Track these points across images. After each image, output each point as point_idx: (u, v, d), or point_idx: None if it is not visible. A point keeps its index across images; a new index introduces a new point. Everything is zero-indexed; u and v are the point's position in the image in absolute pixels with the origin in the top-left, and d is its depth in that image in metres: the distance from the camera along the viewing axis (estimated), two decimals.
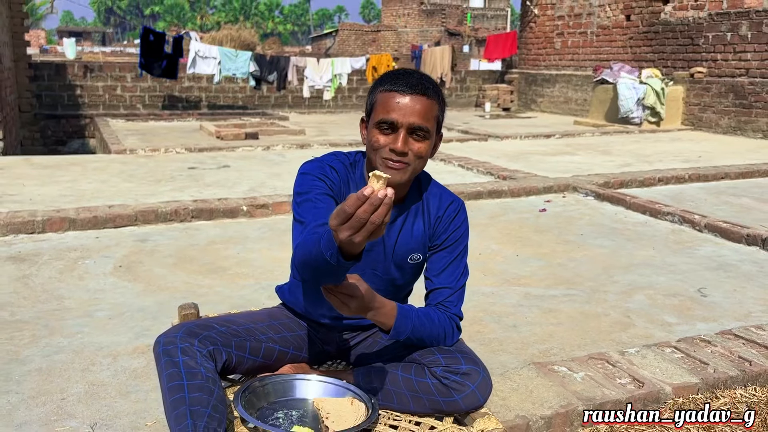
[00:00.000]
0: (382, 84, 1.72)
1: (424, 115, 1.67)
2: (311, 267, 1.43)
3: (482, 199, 5.66)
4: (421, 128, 1.67)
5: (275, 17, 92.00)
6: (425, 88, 1.69)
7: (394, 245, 1.83)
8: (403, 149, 1.66)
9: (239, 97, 14.16)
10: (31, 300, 3.25)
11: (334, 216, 1.28)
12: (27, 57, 11.80)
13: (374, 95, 1.73)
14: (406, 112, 1.66)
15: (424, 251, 1.87)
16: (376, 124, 1.69)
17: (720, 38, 10.74)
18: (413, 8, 38.26)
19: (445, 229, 1.86)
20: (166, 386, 1.63)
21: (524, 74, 15.56)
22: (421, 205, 1.85)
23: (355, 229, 1.26)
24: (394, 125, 1.67)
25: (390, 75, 1.73)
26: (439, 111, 1.73)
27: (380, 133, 1.69)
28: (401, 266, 1.86)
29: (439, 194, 1.88)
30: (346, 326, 1.96)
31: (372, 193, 1.24)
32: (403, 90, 1.67)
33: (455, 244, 1.87)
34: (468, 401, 1.72)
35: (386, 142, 1.68)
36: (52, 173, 6.38)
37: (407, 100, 1.66)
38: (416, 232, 1.84)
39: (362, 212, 1.25)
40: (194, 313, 2.11)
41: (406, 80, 1.68)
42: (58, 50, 36.33)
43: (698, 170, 6.82)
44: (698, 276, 3.80)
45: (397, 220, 1.83)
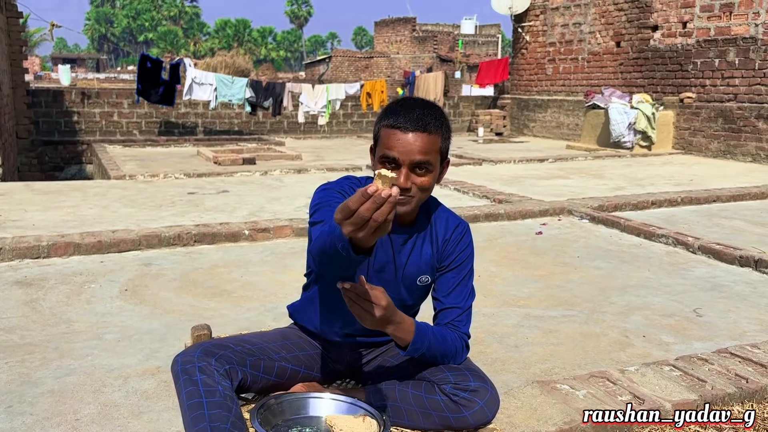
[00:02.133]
0: (386, 117, 1.75)
1: (425, 151, 1.70)
2: (327, 255, 1.45)
3: (479, 222, 5.75)
4: (422, 163, 1.71)
5: (268, 43, 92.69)
6: (426, 123, 1.71)
7: (404, 267, 1.90)
8: (405, 185, 1.71)
9: (235, 122, 14.28)
10: (40, 323, 3.29)
11: (339, 210, 1.31)
12: (25, 84, 11.90)
13: (378, 127, 1.78)
14: (407, 149, 1.69)
15: (432, 273, 1.93)
16: (379, 159, 1.75)
17: (708, 64, 10.97)
18: (405, 35, 38.74)
19: (452, 251, 1.92)
20: (186, 404, 1.68)
21: (516, 99, 15.78)
22: (429, 229, 1.92)
23: (357, 225, 1.28)
24: (397, 162, 1.71)
25: (393, 109, 1.76)
26: (442, 142, 1.76)
27: (383, 168, 1.75)
28: (410, 288, 1.93)
29: (446, 218, 1.95)
30: (357, 344, 2.02)
31: (376, 192, 1.26)
32: (405, 127, 1.70)
33: (462, 265, 1.93)
34: (477, 417, 1.77)
35: None
36: (54, 199, 6.43)
37: (409, 138, 1.69)
38: (425, 255, 1.90)
39: (364, 210, 1.27)
40: (207, 333, 2.16)
41: (407, 115, 1.71)
42: (53, 77, 36.51)
43: (690, 193, 6.94)
44: (693, 296, 3.88)
45: (408, 242, 1.89)
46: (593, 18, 13.40)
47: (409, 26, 38.85)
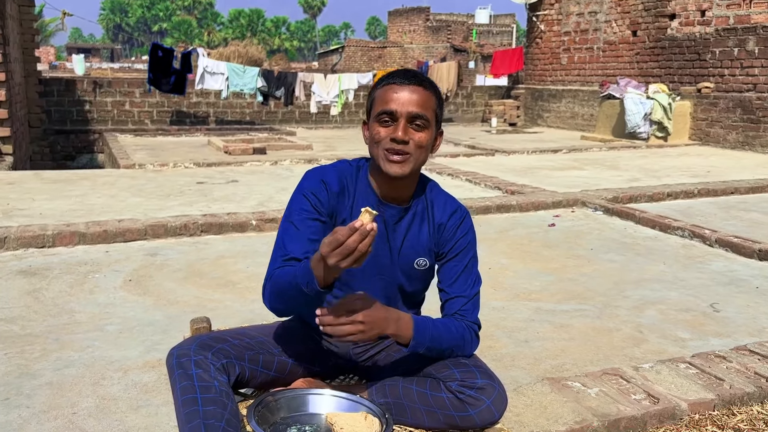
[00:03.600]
0: (380, 83, 1.78)
1: (422, 104, 1.71)
2: (285, 297, 1.62)
3: (491, 213, 5.66)
4: (420, 116, 1.71)
5: (282, 34, 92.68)
6: (421, 80, 1.75)
7: (399, 248, 1.83)
8: (404, 137, 1.70)
9: (247, 112, 14.23)
10: (42, 314, 3.25)
11: (327, 244, 1.42)
12: (37, 73, 11.89)
13: (373, 94, 1.78)
14: (405, 101, 1.71)
15: (430, 257, 1.87)
16: (376, 118, 1.74)
17: (727, 53, 10.75)
18: (419, 24, 38.49)
19: (451, 237, 1.85)
20: (180, 399, 1.62)
21: (531, 90, 15.60)
22: (427, 208, 1.86)
23: (344, 255, 1.41)
24: (394, 115, 1.71)
25: (387, 74, 1.79)
26: (437, 105, 1.77)
27: (381, 126, 1.73)
28: (409, 273, 1.86)
29: (444, 200, 1.88)
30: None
31: (362, 226, 1.40)
32: (401, 82, 1.73)
33: (463, 252, 1.86)
34: (483, 416, 1.70)
35: (387, 133, 1.72)
36: (62, 188, 6.41)
37: (405, 91, 1.71)
38: (422, 237, 1.84)
39: (352, 241, 1.40)
40: (206, 327, 2.09)
41: (402, 74, 1.75)
42: (67, 66, 36.64)
43: (707, 185, 6.79)
44: (710, 291, 3.77)
45: (403, 221, 1.83)
46: (609, 6, 13.19)
47: (423, 16, 38.59)
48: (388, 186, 1.79)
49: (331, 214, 1.79)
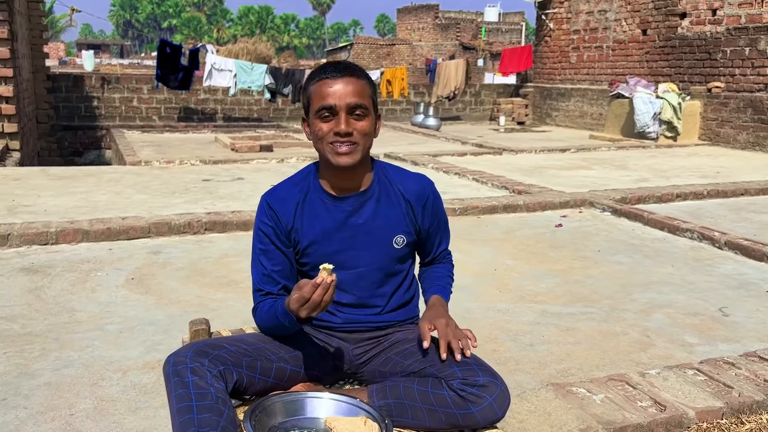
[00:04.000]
0: (313, 77, 1.80)
1: (358, 94, 1.75)
2: (273, 330, 1.82)
3: (497, 213, 5.61)
4: (359, 106, 1.75)
5: (291, 31, 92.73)
6: (353, 70, 1.78)
7: (372, 230, 1.87)
8: (347, 129, 1.74)
9: (254, 109, 14.22)
10: (43, 312, 3.23)
11: (295, 301, 1.62)
12: (45, 69, 11.91)
13: (307, 90, 1.81)
14: (341, 94, 1.74)
15: (408, 235, 1.91)
16: (316, 114, 1.77)
17: (738, 53, 10.64)
18: (428, 22, 38.40)
19: (430, 212, 1.94)
20: (176, 407, 1.60)
21: (539, 88, 15.51)
22: (391, 190, 1.90)
23: (312, 308, 1.61)
24: (333, 109, 1.74)
25: (318, 68, 1.82)
26: (371, 91, 1.81)
27: (322, 121, 1.76)
28: (387, 250, 1.89)
29: (407, 178, 1.94)
30: (358, 329, 1.93)
31: (322, 281, 1.59)
32: (333, 75, 1.75)
33: (441, 221, 2.00)
34: (485, 414, 1.67)
35: (329, 127, 1.75)
36: (67, 184, 6.40)
37: (339, 84, 1.74)
38: (394, 216, 1.89)
39: (317, 296, 1.60)
40: (205, 329, 2.07)
41: (333, 67, 1.78)
42: (77, 62, 36.77)
43: (717, 186, 6.72)
44: (719, 295, 3.71)
45: (367, 206, 1.87)
46: (619, 5, 13.08)
47: (432, 13, 38.50)
48: (341, 178, 1.84)
49: (287, 229, 1.86)
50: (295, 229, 1.86)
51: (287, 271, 1.89)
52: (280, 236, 1.86)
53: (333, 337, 1.95)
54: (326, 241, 1.86)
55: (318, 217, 1.86)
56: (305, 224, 1.86)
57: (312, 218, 1.86)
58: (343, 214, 1.86)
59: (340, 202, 1.86)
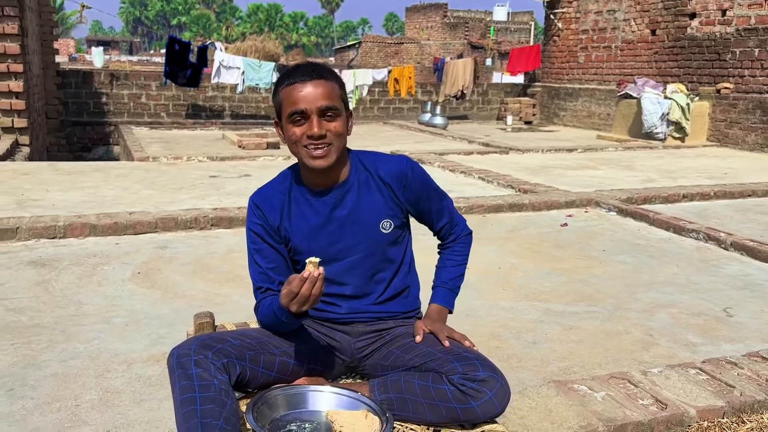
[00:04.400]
0: (282, 82, 1.81)
1: (328, 96, 1.76)
2: (274, 326, 1.84)
3: (503, 212, 5.61)
4: (329, 108, 1.76)
5: (299, 29, 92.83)
6: (321, 72, 1.79)
7: (357, 219, 1.89)
8: (320, 132, 1.75)
9: (262, 107, 14.25)
10: (50, 305, 3.26)
11: (285, 296, 1.64)
12: (55, 65, 11.98)
13: (278, 95, 1.82)
14: (312, 98, 1.75)
15: (393, 217, 1.92)
16: (288, 118, 1.78)
17: (747, 54, 10.60)
18: (436, 21, 38.36)
19: (413, 189, 1.93)
20: (179, 398, 1.62)
21: (547, 88, 15.48)
22: (370, 177, 1.91)
23: (301, 303, 1.63)
24: (305, 113, 1.76)
25: (286, 72, 1.83)
26: (341, 91, 1.82)
27: (294, 126, 1.78)
28: (375, 236, 1.91)
29: (384, 162, 1.93)
30: (359, 320, 1.96)
31: (309, 275, 1.61)
32: (302, 79, 1.76)
33: (428, 193, 1.97)
34: (485, 409, 1.68)
35: (302, 131, 1.77)
36: (76, 179, 6.44)
37: (309, 87, 1.76)
38: (377, 202, 1.90)
39: (305, 290, 1.61)
40: (209, 322, 2.08)
41: (302, 71, 1.79)
42: (87, 59, 36.95)
43: (724, 187, 6.70)
44: (723, 295, 3.71)
45: (348, 196, 1.89)
46: (628, 5, 13.05)
47: (441, 12, 38.46)
48: (319, 176, 1.86)
49: (276, 226, 1.89)
50: (283, 227, 1.90)
51: (283, 268, 1.92)
52: (271, 234, 1.89)
53: (335, 331, 1.97)
54: (315, 236, 1.89)
55: (304, 214, 1.89)
56: (293, 223, 1.90)
57: (298, 216, 1.89)
58: (326, 208, 1.89)
59: (322, 197, 1.89)
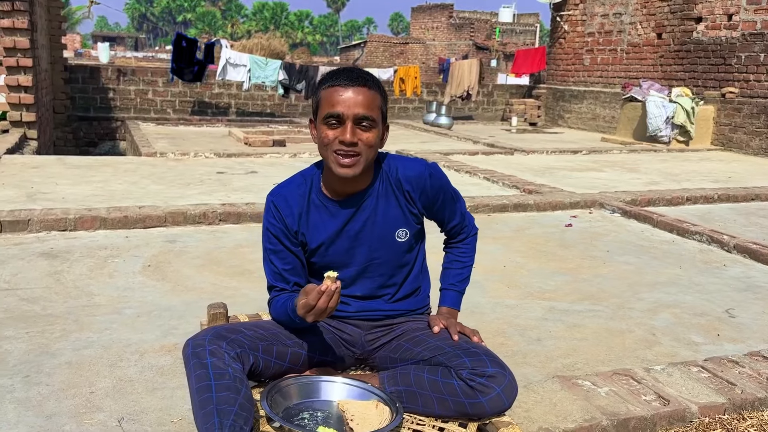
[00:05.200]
0: (325, 82, 1.81)
1: (368, 106, 1.76)
2: (286, 324, 1.89)
3: (507, 212, 5.66)
4: (366, 118, 1.76)
5: (305, 27, 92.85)
6: (365, 80, 1.78)
7: (374, 227, 1.92)
8: (352, 140, 1.75)
9: (267, 104, 14.31)
10: (63, 295, 3.31)
11: (301, 307, 1.68)
12: (63, 59, 12.05)
13: (318, 94, 1.82)
14: (350, 104, 1.74)
15: (410, 226, 1.95)
16: (323, 120, 1.78)
17: (753, 59, 10.62)
18: (442, 21, 38.39)
19: (433, 195, 1.95)
20: (195, 387, 1.65)
21: (552, 90, 15.52)
22: (390, 186, 1.92)
23: (318, 315, 1.67)
24: (341, 118, 1.75)
25: (331, 73, 1.83)
26: (382, 102, 1.82)
27: (328, 128, 1.78)
28: (390, 245, 1.94)
29: (404, 165, 1.93)
30: (370, 318, 2.00)
31: (326, 288, 1.64)
32: (345, 84, 1.76)
33: (445, 196, 2.00)
34: (493, 404, 1.72)
35: (335, 135, 1.77)
36: (84, 173, 6.50)
37: (350, 93, 1.75)
38: (393, 211, 1.92)
39: (322, 303, 1.65)
40: (223, 312, 2.13)
41: (346, 75, 1.78)
42: (92, 54, 37.01)
43: (728, 191, 6.74)
44: (726, 296, 3.75)
45: (367, 204, 1.90)
46: (634, 8, 13.08)
47: (447, 13, 38.50)
48: (341, 184, 1.86)
49: (294, 230, 1.91)
50: (301, 233, 1.92)
51: (298, 269, 1.95)
52: (289, 236, 1.91)
53: (347, 325, 2.01)
54: (332, 242, 1.92)
55: (322, 219, 1.91)
56: (310, 228, 1.91)
57: (316, 222, 1.91)
58: (344, 216, 1.90)
59: (341, 204, 1.90)
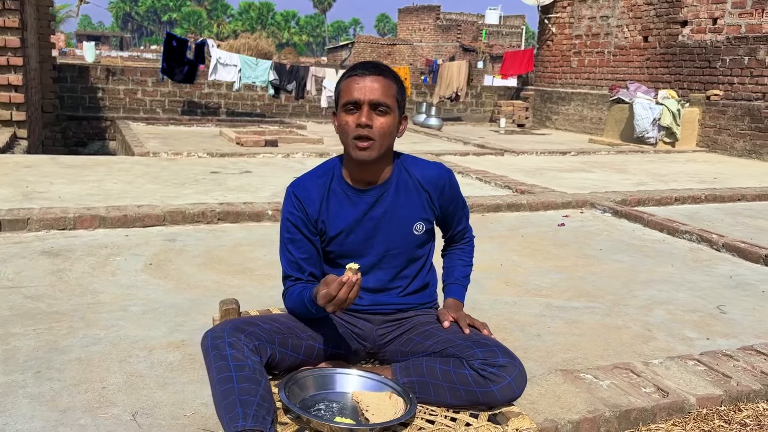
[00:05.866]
0: (344, 75, 1.95)
1: (383, 92, 1.88)
2: (301, 314, 1.96)
3: (501, 211, 5.74)
4: (381, 104, 1.87)
5: (291, 28, 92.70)
6: (381, 70, 1.91)
7: (393, 219, 2.00)
8: (368, 121, 1.86)
9: (257, 104, 14.31)
10: (67, 293, 3.34)
11: (322, 297, 1.74)
12: (52, 59, 11.98)
13: (339, 87, 1.95)
14: (366, 90, 1.87)
15: (427, 222, 2.04)
16: (342, 107, 1.91)
17: (737, 62, 10.81)
18: (429, 23, 38.55)
19: (449, 199, 2.08)
20: (216, 378, 1.70)
21: (540, 91, 15.66)
22: (410, 181, 2.02)
23: (337, 305, 1.73)
24: (358, 103, 1.88)
25: (350, 67, 1.97)
26: (398, 92, 1.93)
27: (347, 115, 1.90)
28: (407, 237, 2.02)
29: (424, 167, 2.05)
30: (381, 311, 2.05)
31: (348, 280, 1.71)
32: (362, 73, 1.89)
33: (456, 202, 2.13)
34: (504, 393, 1.78)
35: (353, 120, 1.89)
36: (78, 173, 6.50)
37: (366, 81, 1.88)
38: (414, 204, 2.02)
39: (343, 294, 1.71)
40: (235, 308, 2.17)
41: (363, 66, 1.92)
42: (77, 53, 36.73)
43: (714, 191, 6.87)
44: (717, 293, 3.85)
45: (386, 197, 1.99)
46: (621, 11, 13.24)
47: (434, 14, 38.66)
48: (361, 171, 1.97)
49: (315, 219, 1.99)
50: (321, 220, 1.99)
51: (314, 259, 2.01)
52: (308, 225, 1.98)
53: (358, 319, 2.07)
54: (351, 231, 1.99)
55: (342, 208, 1.98)
56: (330, 216, 1.98)
57: (336, 210, 1.98)
58: (365, 205, 1.98)
59: (361, 193, 1.98)
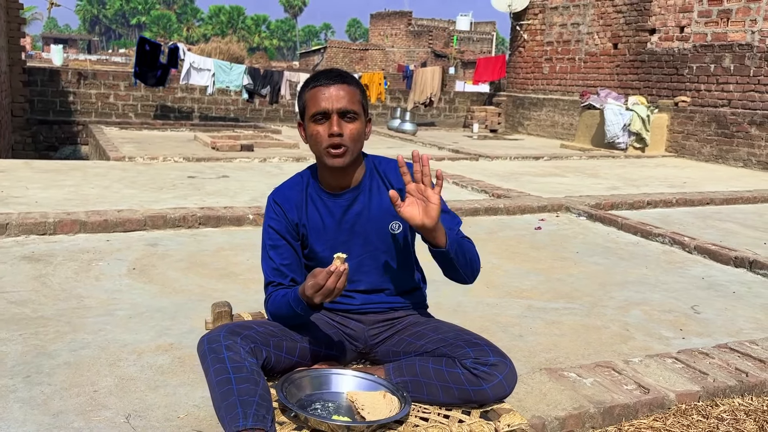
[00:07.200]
0: (308, 85, 1.97)
1: (349, 100, 1.92)
2: (285, 318, 1.95)
3: (479, 215, 5.82)
4: (349, 111, 1.92)
5: (262, 32, 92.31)
6: (344, 77, 1.95)
7: (369, 220, 2.03)
8: (339, 130, 1.90)
9: (231, 109, 14.26)
10: (51, 298, 3.32)
11: (310, 287, 1.75)
12: (22, 62, 11.81)
13: (303, 97, 1.98)
14: (333, 99, 1.90)
15: (401, 220, 2.02)
16: (311, 118, 1.94)
17: (704, 69, 11.10)
18: (401, 29, 38.72)
19: None
20: (215, 380, 1.73)
21: (512, 97, 15.86)
22: (381, 182, 2.06)
23: (326, 295, 1.75)
24: (326, 113, 1.91)
25: (312, 76, 1.99)
26: (361, 97, 1.97)
27: (316, 125, 1.93)
28: (384, 238, 2.05)
29: (393, 166, 2.06)
30: (372, 311, 2.10)
31: (335, 269, 1.72)
32: (326, 83, 1.92)
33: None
34: (496, 390, 1.83)
35: (324, 130, 1.92)
36: (54, 177, 6.43)
37: (332, 90, 1.91)
38: (385, 204, 2.03)
39: (330, 283, 1.73)
40: (227, 311, 2.20)
41: (326, 75, 1.95)
42: (43, 56, 36.14)
43: (684, 195, 7.05)
44: (690, 294, 3.98)
45: (360, 198, 2.03)
46: (592, 19, 13.50)
47: (405, 20, 38.84)
48: (335, 177, 2.01)
49: (296, 223, 2.04)
50: (302, 224, 2.04)
51: (296, 265, 2.05)
52: (290, 230, 2.03)
53: (350, 320, 2.11)
54: (329, 234, 2.04)
55: (319, 213, 2.04)
56: (309, 221, 2.04)
57: (314, 215, 2.04)
58: (340, 209, 2.03)
59: (336, 198, 2.03)
